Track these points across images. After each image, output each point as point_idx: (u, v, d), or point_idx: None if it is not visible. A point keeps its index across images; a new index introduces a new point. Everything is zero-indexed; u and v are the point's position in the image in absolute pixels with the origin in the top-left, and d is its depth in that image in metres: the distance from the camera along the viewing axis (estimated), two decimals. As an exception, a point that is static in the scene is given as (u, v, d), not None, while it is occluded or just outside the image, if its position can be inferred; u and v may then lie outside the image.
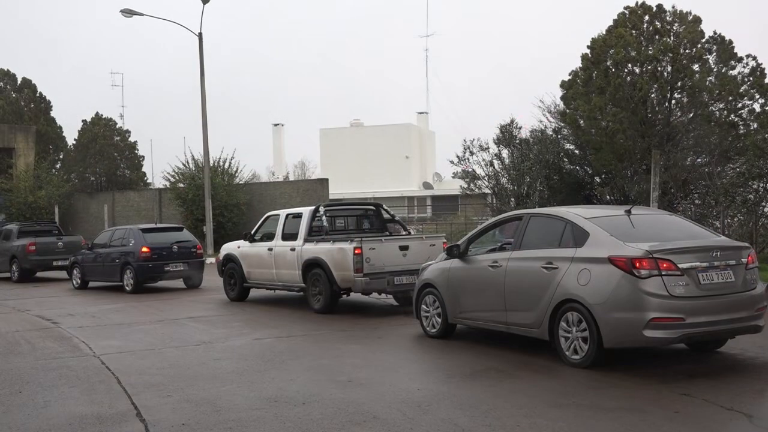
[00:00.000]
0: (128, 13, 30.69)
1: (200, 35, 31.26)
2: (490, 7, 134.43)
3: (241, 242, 16.45)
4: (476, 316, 10.05)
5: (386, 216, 15.88)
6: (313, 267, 13.87)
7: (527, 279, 9.04)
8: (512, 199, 23.94)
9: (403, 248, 13.43)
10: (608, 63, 22.61)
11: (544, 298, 8.72)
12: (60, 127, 47.77)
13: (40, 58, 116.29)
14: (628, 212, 9.01)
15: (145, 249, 18.63)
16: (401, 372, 8.80)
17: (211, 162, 32.70)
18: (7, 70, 47.33)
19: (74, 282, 20.80)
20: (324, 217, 14.51)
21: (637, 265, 7.89)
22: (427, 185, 69.14)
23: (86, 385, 8.37)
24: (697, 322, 7.89)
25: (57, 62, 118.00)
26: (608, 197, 22.69)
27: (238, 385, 8.13)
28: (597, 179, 23.90)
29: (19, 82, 47.40)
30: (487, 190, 25.31)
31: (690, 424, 6.34)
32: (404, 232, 15.64)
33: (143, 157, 45.42)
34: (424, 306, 10.91)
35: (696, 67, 22.18)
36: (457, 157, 24.71)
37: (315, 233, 14.37)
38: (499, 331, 9.72)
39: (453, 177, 28.19)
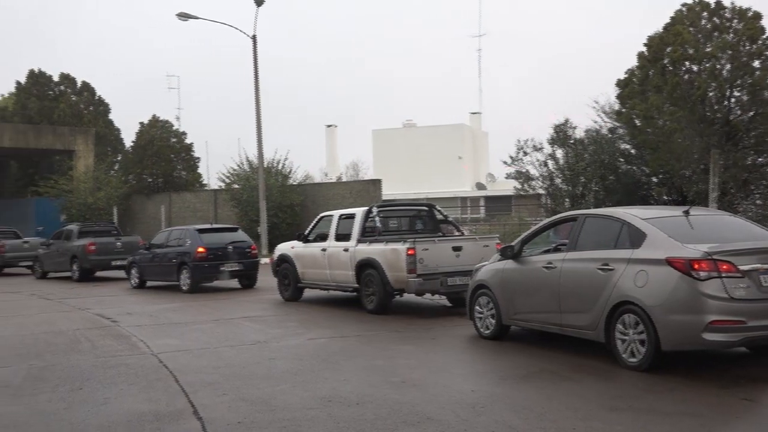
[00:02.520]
0: (184, 16, 31.14)
1: (254, 38, 31.57)
2: (542, 6, 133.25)
3: (294, 243, 16.57)
4: (530, 317, 9.97)
5: (439, 217, 15.85)
6: (366, 267, 13.90)
7: (583, 280, 8.93)
8: (567, 200, 23.68)
9: (457, 249, 13.38)
10: (665, 61, 22.22)
11: (600, 299, 8.61)
12: (118, 130, 48.69)
13: (98, 62, 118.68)
14: (686, 213, 8.85)
15: (201, 249, 18.88)
16: (455, 373, 8.78)
17: (266, 163, 32.99)
18: (68, 74, 48.38)
19: (132, 281, 21.17)
20: (377, 218, 14.53)
21: (696, 266, 7.74)
22: (480, 186, 68.79)
23: (144, 383, 8.51)
24: (760, 325, 7.70)
25: (115, 66, 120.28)
26: (665, 198, 22.29)
27: (292, 385, 8.19)
28: (654, 179, 23.50)
29: (78, 85, 48.41)
30: (541, 191, 25.06)
31: (751, 431, 6.20)
32: (457, 233, 15.59)
33: (199, 158, 46.02)
34: (477, 307, 10.85)
35: (756, 64, 21.65)
36: (511, 157, 24.51)
37: (368, 234, 14.40)
38: (554, 332, 9.63)
39: (506, 177, 27.96)
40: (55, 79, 47.91)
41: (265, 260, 23.17)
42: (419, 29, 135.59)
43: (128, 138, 46.96)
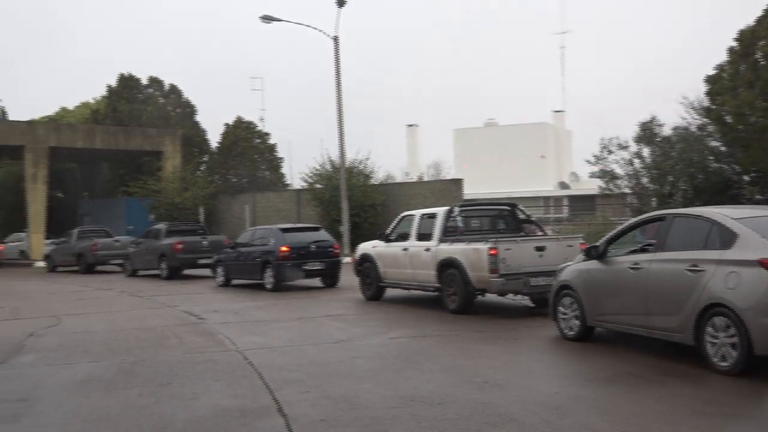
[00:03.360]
0: (268, 19, 31.62)
1: (336, 38, 31.84)
2: (625, 2, 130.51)
3: (376, 242, 16.64)
4: (616, 319, 9.77)
5: (522, 216, 15.68)
6: (448, 267, 13.86)
7: (670, 282, 8.71)
8: (653, 199, 23.11)
9: (540, 249, 13.22)
10: (758, 56, 21.47)
11: (689, 301, 8.37)
12: (204, 131, 49.79)
13: (184, 64, 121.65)
14: (781, 212, 8.54)
15: (284, 248, 19.12)
16: (538, 374, 8.68)
17: (347, 163, 33.21)
18: (156, 77, 49.74)
19: (218, 279, 21.57)
20: (458, 218, 14.48)
21: (791, 268, 7.46)
22: (563, 185, 67.87)
23: (230, 379, 8.67)
24: None
25: (201, 68, 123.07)
26: (758, 197, 21.54)
27: (374, 384, 8.23)
28: (745, 178, 22.72)
29: (166, 88, 49.73)
30: (626, 190, 24.52)
31: None
32: (540, 233, 15.39)
33: (282, 159, 46.74)
34: (561, 308, 10.70)
35: None
36: (595, 156, 24.07)
37: (450, 233, 14.36)
38: (640, 334, 9.42)
39: (590, 176, 27.48)
40: (144, 82, 49.31)
41: (347, 259, 23.33)
42: (501, 27, 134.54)
43: (214, 139, 48.04)
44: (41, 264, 34.24)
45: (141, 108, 47.10)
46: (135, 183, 40.43)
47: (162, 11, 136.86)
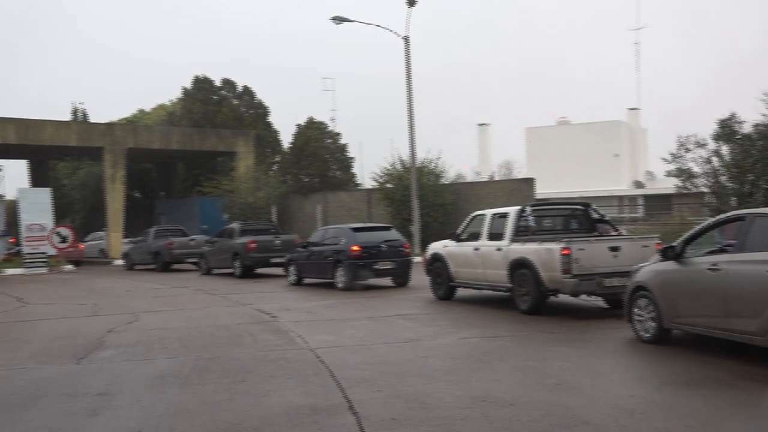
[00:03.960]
0: (339, 20, 31.85)
1: (406, 38, 31.88)
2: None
3: (447, 242, 16.60)
4: (693, 321, 9.53)
5: (595, 216, 15.44)
6: (519, 267, 13.74)
7: (752, 283, 8.45)
8: (733, 199, 22.48)
9: (614, 249, 12.99)
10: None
11: (771, 304, 8.10)
12: (276, 132, 50.40)
13: (257, 66, 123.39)
14: None
15: (355, 247, 19.22)
16: (612, 377, 8.53)
17: (418, 162, 33.24)
18: (229, 78, 50.53)
19: (290, 278, 21.80)
20: (530, 217, 14.34)
21: None
22: (638, 184, 66.57)
23: (302, 377, 8.76)
24: None
25: (273, 70, 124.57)
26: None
27: (445, 383, 8.20)
28: (829, 176, 21.92)
29: (239, 89, 50.50)
30: (704, 189, 23.91)
31: None
32: (614, 233, 15.12)
33: (353, 158, 46.97)
34: (636, 309, 10.49)
35: None
36: (671, 154, 23.53)
37: (521, 233, 14.23)
38: (719, 337, 9.17)
39: (666, 175, 26.91)
40: (218, 84, 50.17)
41: (417, 259, 23.34)
42: (574, 24, 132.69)
43: (286, 139, 48.57)
44: (120, 262, 35.17)
45: (215, 109, 47.92)
46: (209, 183, 41.15)
47: (234, 13, 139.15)
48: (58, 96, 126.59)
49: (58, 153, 42.77)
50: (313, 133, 44.69)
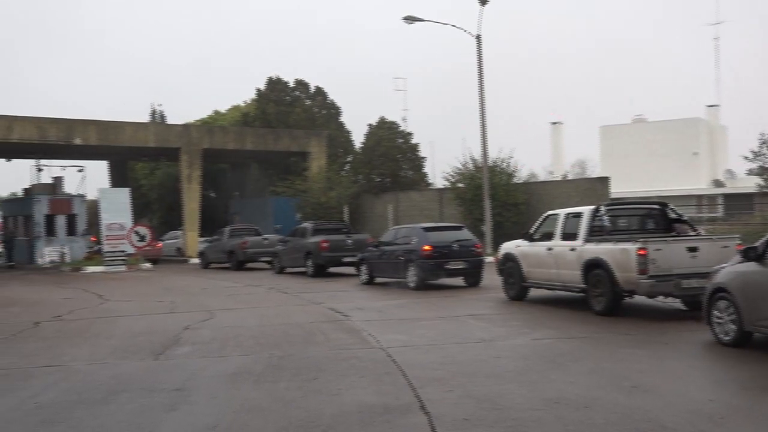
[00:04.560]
0: (410, 19, 31.85)
1: (478, 37, 31.69)
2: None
3: (520, 241, 16.46)
4: (776, 324, 9.23)
5: (672, 215, 15.09)
6: (594, 268, 13.52)
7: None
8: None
9: (692, 249, 12.67)
10: None
11: None
12: (348, 132, 50.63)
13: (330, 67, 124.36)
14: None
15: (427, 247, 19.20)
16: (690, 381, 8.32)
17: (490, 162, 33.01)
18: (302, 79, 50.98)
19: (362, 277, 21.91)
20: (605, 217, 14.10)
21: None
22: (718, 183, 64.80)
23: (374, 376, 8.79)
24: None
25: (345, 70, 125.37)
26: None
27: (518, 384, 8.13)
28: None
29: (312, 90, 50.93)
30: (788, 188, 23.17)
31: None
32: (692, 233, 14.76)
33: (424, 158, 46.82)
34: (716, 311, 10.21)
35: None
36: (753, 152, 22.86)
37: (596, 233, 14.01)
38: (804, 341, 8.86)
39: (747, 174, 26.14)
40: (291, 85, 50.70)
41: (489, 259, 23.18)
42: (649, 20, 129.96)
43: (358, 139, 48.79)
44: (195, 261, 35.86)
45: (288, 110, 48.42)
46: (282, 183, 41.61)
47: (305, 14, 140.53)
48: (137, 98, 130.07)
49: (136, 154, 43.83)
50: (384, 133, 44.76)
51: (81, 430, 6.90)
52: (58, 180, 40.45)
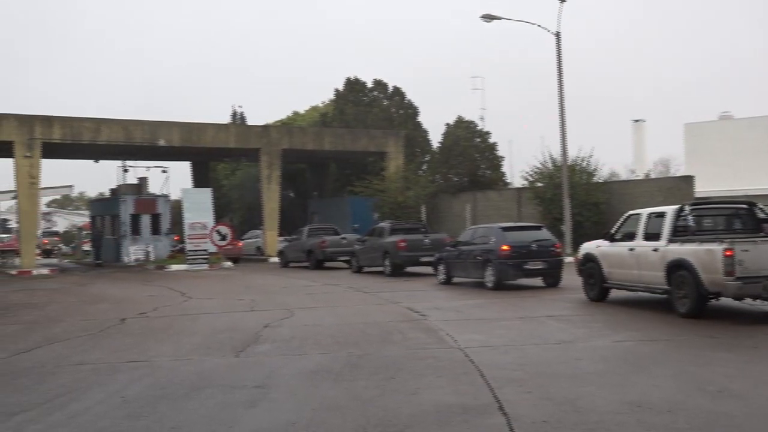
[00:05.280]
0: (488, 18, 31.65)
1: (558, 34, 31.30)
2: None
3: (600, 241, 16.18)
4: None
5: (761, 215, 14.60)
6: (677, 269, 13.19)
7: None
8: None
9: (782, 250, 12.24)
10: None
11: None
12: (426, 131, 50.59)
13: (408, 67, 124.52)
14: None
15: (505, 247, 19.05)
16: (780, 386, 8.04)
17: (569, 161, 32.57)
18: (380, 80, 51.19)
19: (439, 277, 21.86)
20: (689, 217, 13.74)
21: None
22: (810, 182, 62.42)
23: (451, 376, 8.75)
24: None
25: (423, 69, 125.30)
26: None
27: (598, 387, 7.99)
28: None
29: (390, 90, 51.09)
30: None
31: None
32: (783, 233, 14.24)
33: (502, 157, 46.46)
34: (807, 315, 9.85)
35: None
36: None
37: (680, 233, 13.66)
38: None
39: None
40: (369, 85, 50.97)
41: (569, 259, 22.87)
42: (734, 14, 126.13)
43: (435, 139, 48.72)
44: (275, 260, 36.37)
45: (366, 110, 48.69)
46: (360, 183, 41.86)
47: (383, 14, 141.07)
48: (218, 100, 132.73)
49: (218, 154, 44.70)
50: (462, 132, 44.56)
51: (164, 425, 7.07)
52: (143, 180, 41.60)
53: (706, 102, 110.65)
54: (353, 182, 43.82)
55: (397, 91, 50.91)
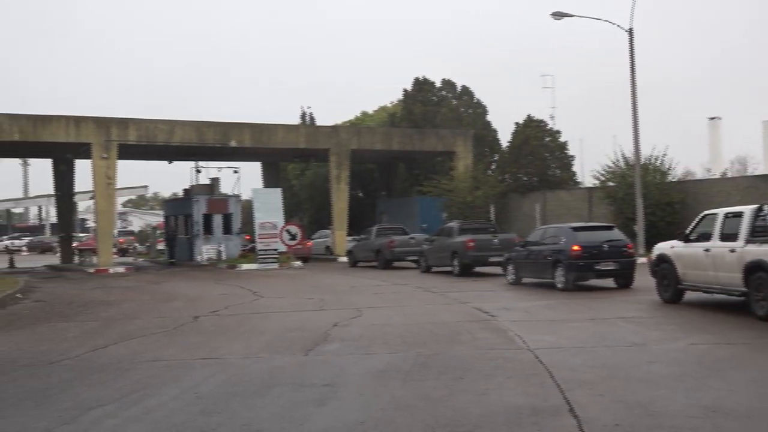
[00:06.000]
0: (559, 15, 31.27)
1: (630, 31, 30.74)
2: None
3: (674, 242, 15.83)
4: None
5: None
6: (756, 270, 12.81)
7: None
8: None
9: None
10: None
11: None
12: (495, 131, 50.23)
13: (475, 65, 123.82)
14: None
15: (575, 247, 18.80)
16: None
17: (642, 159, 31.97)
18: (448, 79, 51.03)
19: (508, 277, 21.68)
20: (768, 217, 13.34)
21: None
22: None
23: (521, 377, 8.68)
24: None
25: (491, 68, 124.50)
26: None
27: (672, 391, 7.82)
28: None
29: (458, 89, 50.90)
30: None
31: None
32: None
33: (573, 156, 45.87)
34: None
35: None
36: None
37: (758, 234, 13.25)
38: None
39: None
40: (437, 85, 50.86)
41: (642, 260, 22.44)
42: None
43: (504, 138, 48.37)
44: (344, 259, 36.58)
45: (435, 110, 48.61)
46: (428, 182, 41.81)
47: (449, 14, 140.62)
48: (288, 101, 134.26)
49: (288, 155, 45.16)
50: (531, 132, 44.10)
51: (236, 421, 7.18)
52: (214, 181, 42.30)
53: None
54: (421, 182, 43.79)
55: (466, 90, 50.70)
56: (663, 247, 16.30)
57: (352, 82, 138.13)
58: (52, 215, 76.48)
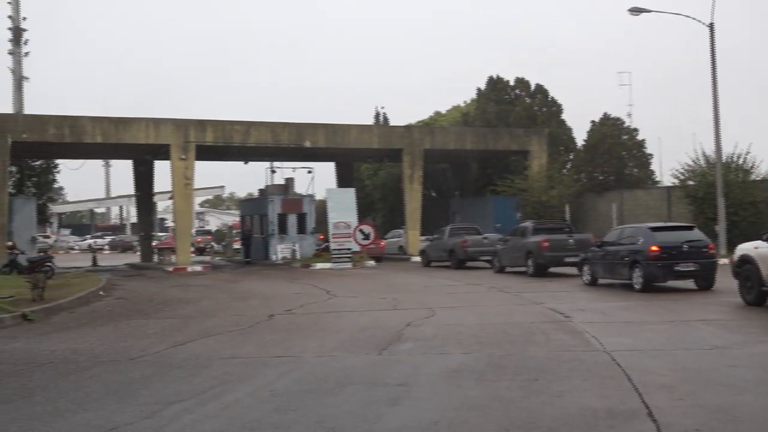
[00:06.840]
0: (637, 11, 30.69)
1: (711, 26, 29.96)
2: None
3: (758, 243, 15.34)
4: None
5: None
6: None
7: None
8: None
9: None
10: None
11: None
12: (570, 129, 49.55)
13: (549, 64, 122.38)
14: None
15: (654, 248, 18.41)
16: None
17: (724, 158, 31.14)
18: (522, 77, 50.55)
19: (584, 278, 21.39)
20: None
21: None
22: None
23: (597, 380, 8.54)
24: None
25: (565, 66, 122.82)
26: None
27: (756, 396, 7.59)
28: None
29: (532, 88, 50.37)
30: None
31: None
32: None
33: (651, 155, 44.97)
34: None
35: None
36: None
37: None
38: None
39: None
40: (511, 83, 50.42)
41: (723, 260, 21.85)
42: None
43: (579, 137, 47.70)
44: (417, 259, 36.57)
45: (508, 109, 48.20)
46: (502, 182, 41.49)
47: (522, 13, 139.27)
48: (363, 100, 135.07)
49: (361, 155, 45.39)
50: (608, 130, 43.38)
51: (311, 419, 7.25)
52: (289, 181, 42.82)
53: None
54: (495, 182, 43.48)
55: (540, 89, 50.12)
56: (746, 248, 15.82)
57: (426, 83, 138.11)
58: (132, 215, 78.55)
